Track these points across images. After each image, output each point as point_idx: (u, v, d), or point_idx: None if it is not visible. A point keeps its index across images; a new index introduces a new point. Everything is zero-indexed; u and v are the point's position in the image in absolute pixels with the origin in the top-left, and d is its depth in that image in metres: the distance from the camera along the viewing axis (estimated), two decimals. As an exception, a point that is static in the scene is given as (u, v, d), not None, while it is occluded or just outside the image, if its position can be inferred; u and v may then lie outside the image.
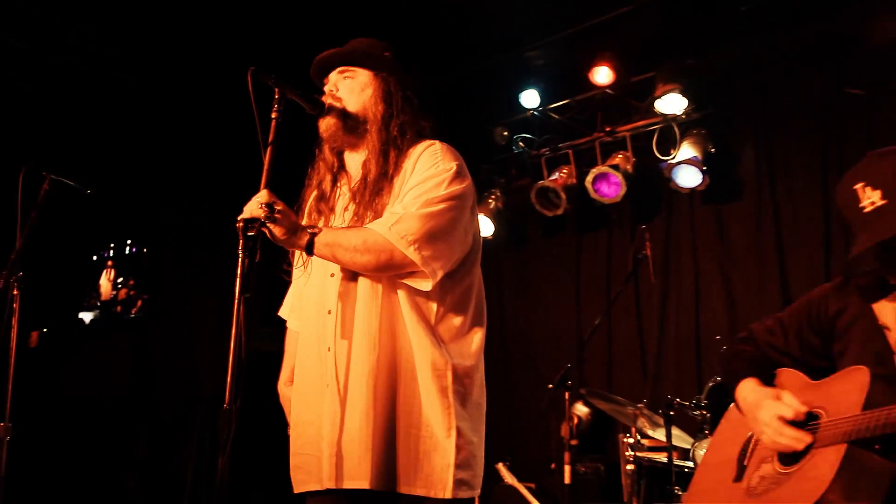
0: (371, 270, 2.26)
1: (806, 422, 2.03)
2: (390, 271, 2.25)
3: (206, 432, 5.51)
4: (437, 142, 2.41)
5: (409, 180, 2.31)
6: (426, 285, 2.24)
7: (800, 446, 1.96)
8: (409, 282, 2.25)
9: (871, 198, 1.90)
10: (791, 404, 2.02)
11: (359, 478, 2.16)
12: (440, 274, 2.24)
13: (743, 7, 5.42)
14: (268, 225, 2.09)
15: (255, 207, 2.09)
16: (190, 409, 5.56)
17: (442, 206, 2.26)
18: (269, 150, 2.26)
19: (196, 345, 5.66)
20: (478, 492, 2.27)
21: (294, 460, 2.36)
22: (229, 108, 5.22)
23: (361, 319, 2.28)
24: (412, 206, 2.23)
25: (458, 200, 2.30)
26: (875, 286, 2.08)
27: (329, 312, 2.34)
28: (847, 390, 1.94)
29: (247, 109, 2.23)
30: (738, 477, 2.16)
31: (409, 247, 2.17)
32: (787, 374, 2.22)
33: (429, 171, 2.30)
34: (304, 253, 2.29)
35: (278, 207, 2.12)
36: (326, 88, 2.51)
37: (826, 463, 1.86)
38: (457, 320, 2.34)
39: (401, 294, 2.29)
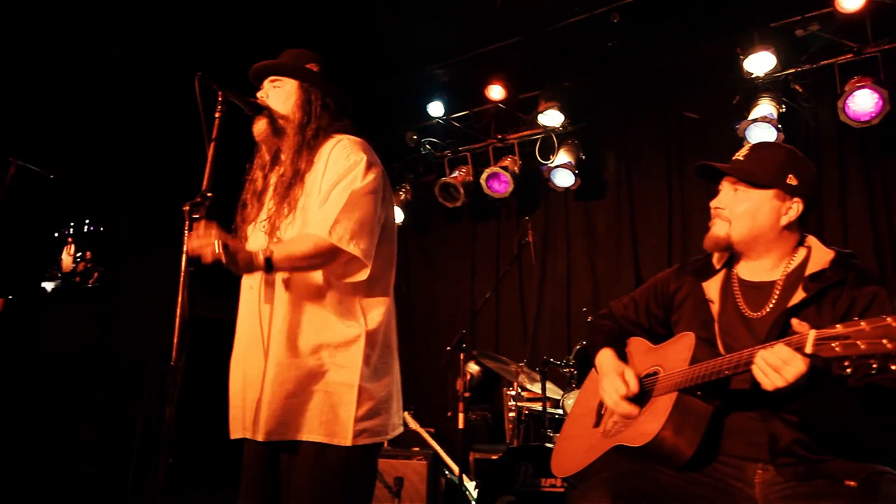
0: (323, 268, 2.23)
1: (647, 376, 2.12)
2: (337, 265, 2.22)
3: (155, 386, 5.36)
4: (344, 136, 2.35)
5: (327, 175, 2.26)
6: (364, 274, 2.21)
7: (630, 416, 2.03)
8: (350, 279, 2.23)
9: (741, 154, 2.06)
10: (629, 381, 2.07)
11: (274, 432, 2.15)
12: (371, 260, 2.22)
13: (610, 43, 5.57)
14: (229, 267, 2.04)
15: (210, 252, 2.00)
16: (141, 366, 5.40)
17: (365, 199, 2.22)
18: (212, 145, 2.20)
19: (146, 310, 5.50)
20: (386, 437, 2.25)
21: (230, 411, 2.32)
22: (178, 106, 5.04)
23: (281, 287, 2.24)
24: (340, 202, 2.18)
25: (375, 193, 2.26)
26: (704, 269, 2.16)
27: (250, 288, 2.31)
28: (678, 350, 2.01)
29: (193, 108, 2.16)
30: (597, 423, 2.22)
31: (350, 243, 2.15)
32: (635, 342, 2.29)
33: (343, 166, 2.25)
34: (241, 239, 2.31)
35: (230, 246, 2.05)
36: (259, 94, 2.46)
37: (661, 407, 1.92)
38: (368, 291, 2.31)
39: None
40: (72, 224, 5.31)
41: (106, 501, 5.09)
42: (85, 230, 5.35)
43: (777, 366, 1.63)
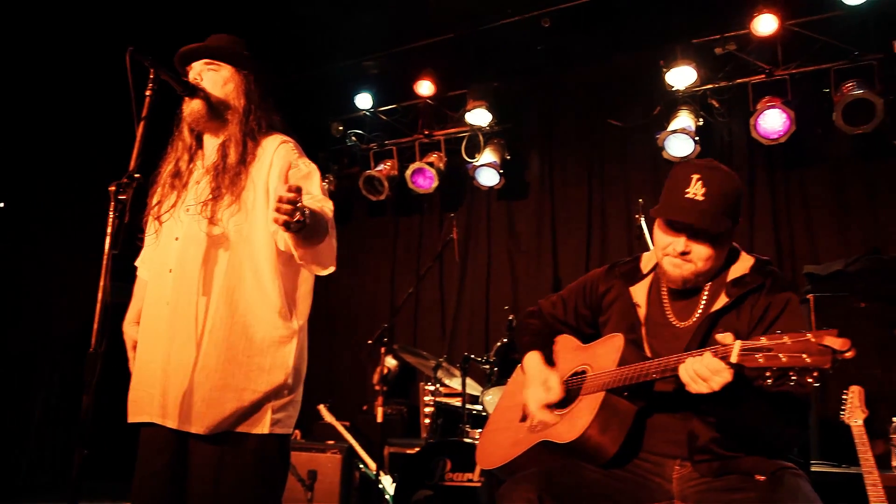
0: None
1: (574, 375, 2.17)
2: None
3: (56, 372, 5.08)
4: (290, 140, 2.34)
5: (273, 176, 2.24)
6: (331, 269, 2.24)
7: (549, 424, 2.10)
8: (319, 271, 2.24)
9: (696, 191, 1.96)
10: (552, 388, 2.13)
11: (198, 424, 2.10)
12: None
13: (539, 47, 5.67)
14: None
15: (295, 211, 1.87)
16: (41, 351, 5.11)
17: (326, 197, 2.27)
18: (142, 123, 2.11)
19: (50, 293, 5.21)
20: (293, 430, 2.28)
21: (131, 394, 2.24)
22: (100, 81, 4.80)
23: (199, 279, 2.19)
24: (318, 197, 2.22)
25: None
26: (632, 273, 2.23)
27: (169, 271, 2.24)
28: (607, 351, 2.07)
29: (116, 84, 2.06)
30: (523, 418, 2.25)
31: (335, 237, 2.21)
32: (564, 339, 2.34)
33: (302, 169, 2.28)
34: (155, 222, 2.27)
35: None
36: (191, 76, 2.36)
37: (589, 406, 1.98)
38: (297, 287, 2.31)
39: (251, 261, 2.21)
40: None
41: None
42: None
43: (706, 376, 1.71)
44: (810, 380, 1.55)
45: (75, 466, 1.84)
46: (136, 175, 2.01)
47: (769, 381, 1.59)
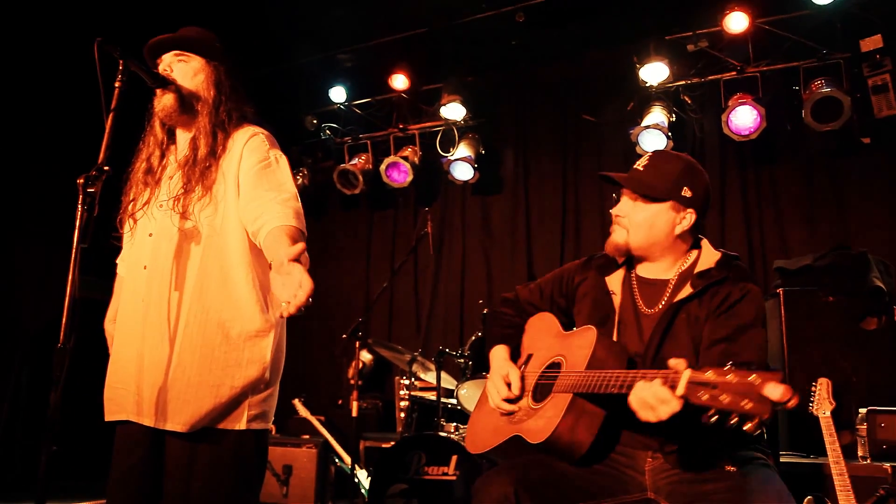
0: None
1: (551, 366, 2.18)
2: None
3: (25, 367, 4.99)
4: (260, 131, 2.30)
5: (244, 169, 2.21)
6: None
7: (509, 412, 2.15)
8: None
9: (641, 164, 2.16)
10: (513, 382, 2.18)
11: (174, 422, 2.07)
12: None
13: (514, 42, 5.68)
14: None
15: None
16: (10, 346, 5.01)
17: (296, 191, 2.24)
18: (111, 115, 2.07)
19: (19, 288, 5.11)
20: (270, 425, 2.26)
21: (107, 392, 2.20)
22: (68, 73, 4.70)
23: (171, 275, 2.16)
24: (290, 194, 2.19)
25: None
26: (607, 264, 2.27)
27: (144, 268, 2.20)
28: (580, 345, 2.07)
29: (86, 75, 2.02)
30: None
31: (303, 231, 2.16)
32: (548, 319, 2.34)
33: (266, 160, 2.23)
34: (130, 220, 2.25)
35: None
36: (161, 68, 2.32)
37: (557, 406, 1.98)
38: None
39: (224, 254, 2.18)
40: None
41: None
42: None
43: (653, 405, 1.69)
44: (749, 426, 1.51)
45: (43, 464, 1.81)
46: (106, 168, 1.97)
47: (712, 419, 1.56)
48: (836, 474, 2.79)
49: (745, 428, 1.51)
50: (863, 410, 3.42)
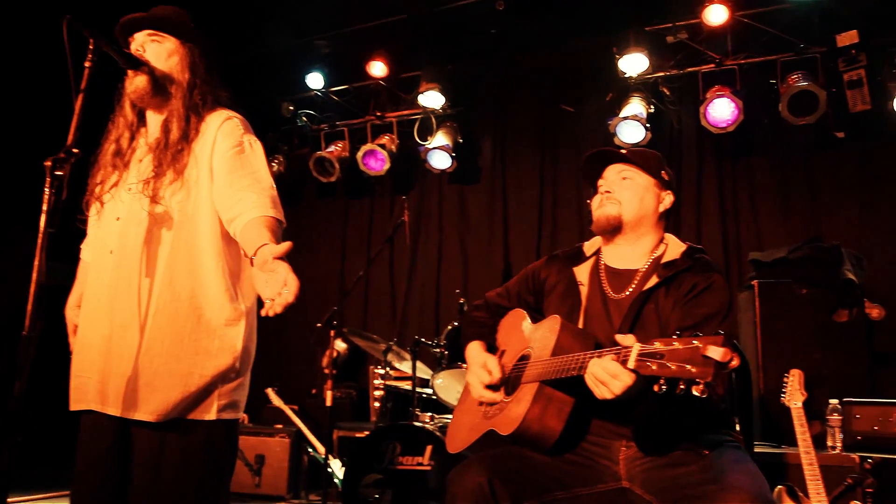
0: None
1: (522, 359, 2.18)
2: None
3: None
4: (234, 115, 2.25)
5: (217, 153, 2.16)
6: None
7: (495, 401, 2.15)
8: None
9: (622, 150, 2.28)
10: (492, 370, 2.18)
11: (143, 411, 2.02)
12: None
13: (493, 30, 5.66)
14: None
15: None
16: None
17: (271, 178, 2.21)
18: (80, 96, 2.01)
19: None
20: (241, 414, 2.23)
21: (72, 381, 2.15)
22: (37, 52, 4.58)
23: (141, 260, 2.11)
24: (266, 182, 2.15)
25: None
26: (575, 256, 2.32)
27: (110, 252, 2.15)
28: (545, 335, 2.08)
29: (54, 55, 1.96)
30: (480, 402, 2.28)
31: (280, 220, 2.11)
32: (518, 314, 2.34)
33: (240, 145, 2.19)
34: (97, 203, 2.20)
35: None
36: (133, 47, 2.26)
37: (525, 396, 1.99)
38: (242, 269, 2.22)
39: (195, 240, 2.14)
40: None
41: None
42: None
43: (605, 380, 1.71)
44: (696, 392, 1.53)
45: (6, 454, 1.77)
46: (74, 150, 1.91)
47: (663, 388, 1.58)
48: (807, 464, 2.83)
49: (694, 393, 1.53)
50: (833, 401, 3.47)
